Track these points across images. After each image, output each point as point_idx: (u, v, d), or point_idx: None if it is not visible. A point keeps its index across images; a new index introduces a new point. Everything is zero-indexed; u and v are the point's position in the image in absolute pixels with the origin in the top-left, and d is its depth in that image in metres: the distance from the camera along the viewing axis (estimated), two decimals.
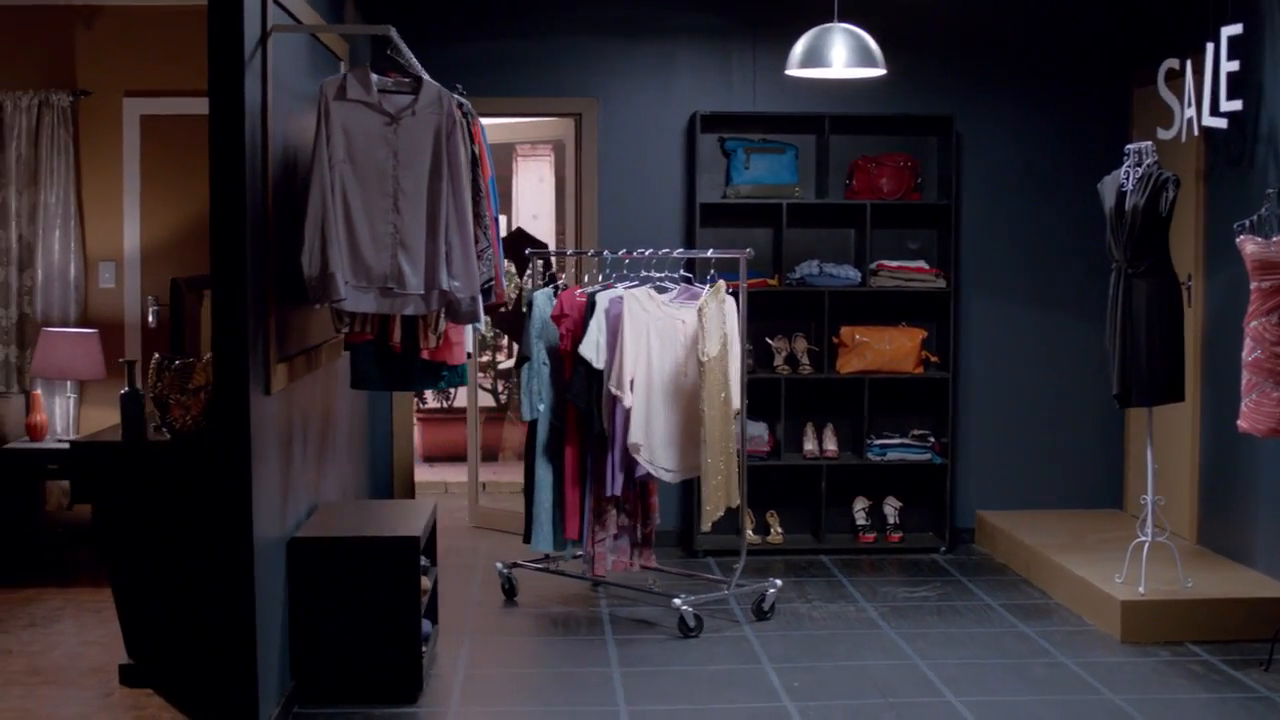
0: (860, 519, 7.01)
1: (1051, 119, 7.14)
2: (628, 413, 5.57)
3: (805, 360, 6.91)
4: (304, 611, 4.77)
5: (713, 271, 5.80)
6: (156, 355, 4.81)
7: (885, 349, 6.85)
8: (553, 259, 6.38)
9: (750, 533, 6.96)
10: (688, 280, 5.94)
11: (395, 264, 4.57)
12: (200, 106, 6.81)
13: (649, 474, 5.68)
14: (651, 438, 5.63)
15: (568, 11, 6.98)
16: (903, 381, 6.96)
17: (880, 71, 5.65)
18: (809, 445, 6.97)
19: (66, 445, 6.55)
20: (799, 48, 5.60)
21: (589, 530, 5.89)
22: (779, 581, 5.94)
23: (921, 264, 6.92)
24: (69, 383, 6.80)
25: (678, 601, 5.61)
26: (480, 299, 4.70)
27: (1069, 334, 7.19)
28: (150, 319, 6.97)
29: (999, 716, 4.72)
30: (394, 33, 4.57)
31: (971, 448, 7.16)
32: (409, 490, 7.20)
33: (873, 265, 6.88)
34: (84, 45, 6.98)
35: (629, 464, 5.68)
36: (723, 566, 6.67)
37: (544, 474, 5.99)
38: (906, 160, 6.91)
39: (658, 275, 5.87)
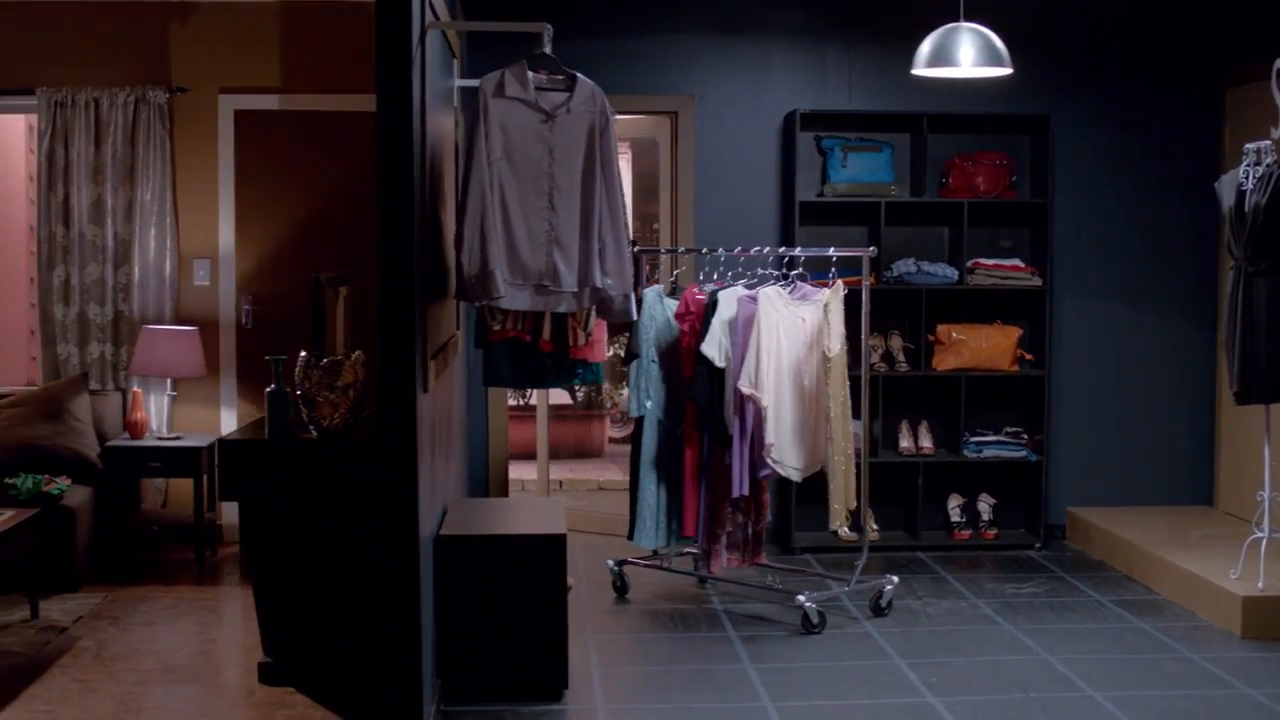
0: (955, 516, 7.04)
1: (1145, 118, 7.19)
2: (758, 412, 5.58)
3: (901, 358, 6.94)
4: (450, 609, 4.77)
5: (833, 270, 5.82)
6: (303, 353, 4.80)
7: (982, 346, 6.88)
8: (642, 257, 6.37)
9: (845, 529, 6.97)
10: (800, 278, 5.95)
11: (550, 261, 4.58)
12: (295, 104, 6.91)
13: (774, 473, 5.69)
14: (780, 436, 5.65)
15: (665, 9, 6.99)
16: (998, 379, 7.00)
17: (1007, 71, 5.66)
18: (905, 442, 6.99)
19: (169, 443, 6.57)
20: (925, 47, 5.61)
21: (704, 528, 5.90)
22: (895, 578, 5.97)
23: (1017, 262, 6.96)
24: (168, 380, 6.78)
25: (801, 598, 5.63)
26: (632, 296, 4.71)
27: (1161, 331, 7.24)
28: (245, 319, 6.96)
29: (1145, 711, 4.75)
30: (548, 30, 4.57)
31: (1061, 444, 7.20)
32: (503, 488, 7.19)
33: (969, 263, 6.91)
34: (179, 42, 6.95)
35: (754, 463, 5.69)
36: (823, 563, 6.70)
37: (649, 471, 6.00)
38: (1002, 159, 6.95)
39: (774, 274, 5.88)
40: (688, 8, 7.00)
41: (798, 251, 5.79)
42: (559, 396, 8.94)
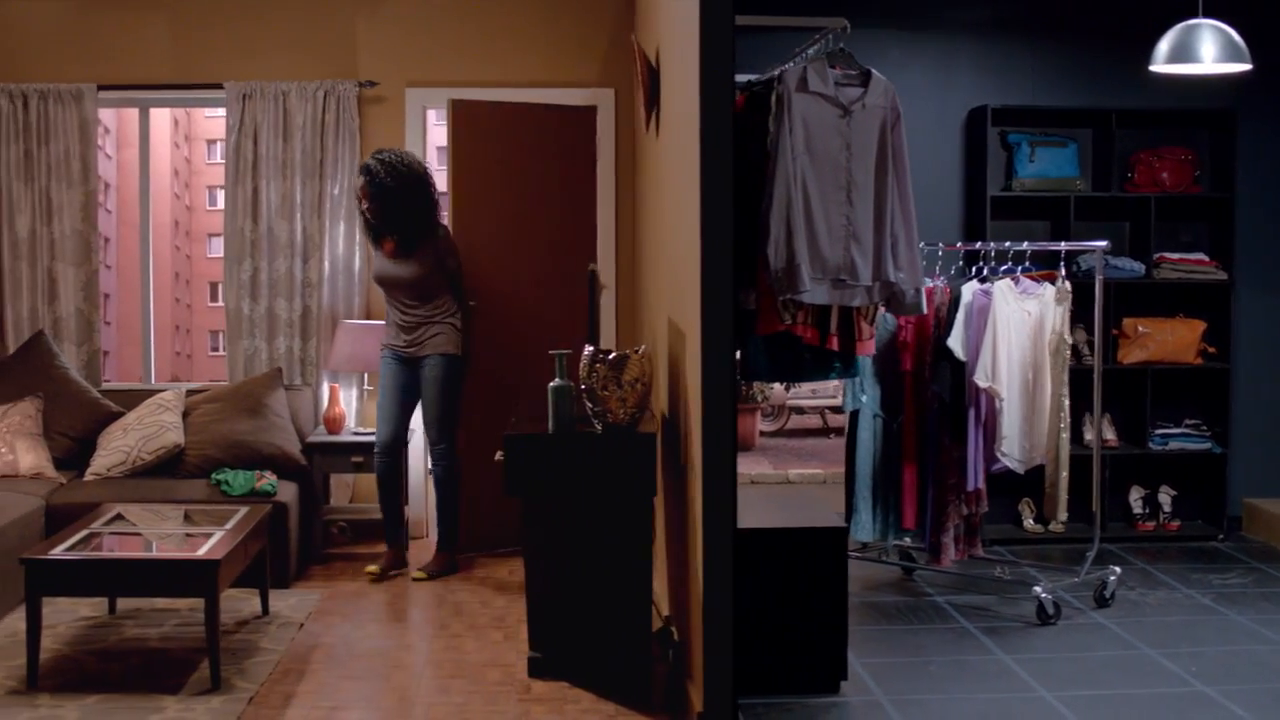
0: (1137, 507, 7.11)
1: None
2: (991, 405, 5.62)
3: (1086, 351, 6.99)
4: (739, 601, 4.77)
5: (1062, 262, 5.86)
6: (589, 348, 4.80)
7: (1167, 339, 6.95)
8: None
9: (1031, 521, 7.05)
10: (1025, 271, 5.98)
11: (848, 255, 4.60)
12: (485, 98, 6.86)
13: (1005, 466, 5.73)
14: (1010, 430, 5.69)
15: (853, 5, 6.97)
16: (1180, 372, 7.07)
17: (1247, 66, 5.70)
18: (1089, 435, 7.04)
19: (369, 438, 6.55)
20: (1164, 44, 5.64)
21: (933, 522, 5.93)
22: (1118, 569, 6.02)
23: (1201, 256, 7.02)
24: (362, 375, 6.76)
25: (1038, 589, 5.68)
26: (923, 290, 4.74)
27: None
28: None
29: None
30: (846, 25, 4.59)
31: (1238, 437, 7.27)
32: None
33: (1155, 257, 6.97)
34: (366, 35, 6.92)
35: (988, 456, 5.73)
36: (1015, 554, 6.74)
37: (866, 465, 6.02)
38: (1187, 154, 7.01)
39: (1002, 269, 5.92)
40: (875, 5, 7.02)
41: (1025, 245, 5.82)
42: None
